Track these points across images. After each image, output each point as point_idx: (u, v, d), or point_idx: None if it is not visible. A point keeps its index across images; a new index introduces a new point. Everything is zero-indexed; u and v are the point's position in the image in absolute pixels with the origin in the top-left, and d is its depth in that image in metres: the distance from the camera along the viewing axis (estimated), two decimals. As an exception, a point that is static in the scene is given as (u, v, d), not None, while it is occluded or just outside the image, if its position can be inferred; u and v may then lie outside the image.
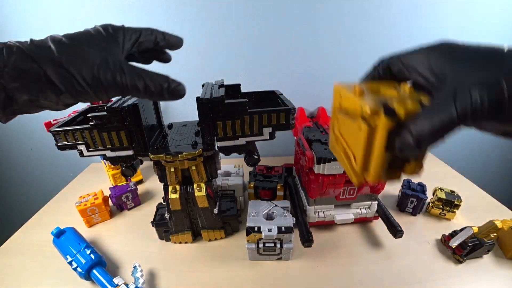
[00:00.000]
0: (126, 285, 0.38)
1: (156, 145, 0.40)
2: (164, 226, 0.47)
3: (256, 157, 0.40)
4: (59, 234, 0.43)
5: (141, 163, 0.46)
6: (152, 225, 0.48)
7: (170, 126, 0.47)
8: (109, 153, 0.37)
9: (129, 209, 0.58)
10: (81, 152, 0.37)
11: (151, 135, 0.41)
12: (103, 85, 0.22)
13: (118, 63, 0.23)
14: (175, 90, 0.25)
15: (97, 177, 0.71)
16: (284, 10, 0.61)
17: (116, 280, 0.39)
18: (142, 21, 0.60)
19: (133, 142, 0.37)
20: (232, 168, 0.60)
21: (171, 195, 0.42)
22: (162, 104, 0.71)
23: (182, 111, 0.73)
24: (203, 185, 0.43)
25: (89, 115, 0.35)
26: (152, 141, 0.40)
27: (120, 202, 0.56)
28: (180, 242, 0.48)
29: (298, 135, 0.54)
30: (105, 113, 0.35)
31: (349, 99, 0.23)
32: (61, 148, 0.37)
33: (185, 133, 0.45)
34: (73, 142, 0.36)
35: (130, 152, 0.38)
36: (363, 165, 0.21)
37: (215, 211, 0.45)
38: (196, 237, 0.50)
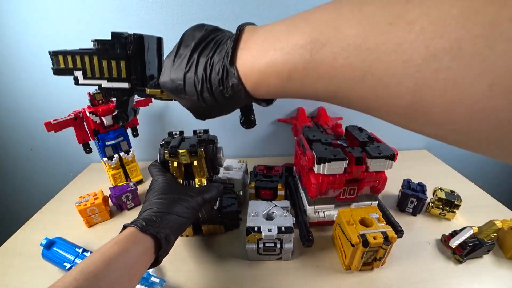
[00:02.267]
0: None
1: (153, 83, 0.37)
2: None
3: (253, 119, 0.38)
4: (49, 245, 0.43)
5: (136, 114, 0.45)
6: None
7: None
8: (105, 83, 0.35)
9: (129, 209, 0.58)
10: (76, 80, 0.35)
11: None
12: None
13: None
14: None
15: (97, 177, 0.71)
16: (285, 10, 0.61)
17: None
18: (142, 21, 0.60)
19: (132, 75, 0.35)
20: (236, 163, 0.60)
21: None
22: (161, 112, 0.72)
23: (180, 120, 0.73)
24: (204, 180, 0.44)
25: (92, 40, 0.33)
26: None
27: (120, 202, 0.56)
28: (181, 235, 0.49)
29: (298, 135, 0.54)
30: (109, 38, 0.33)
31: (345, 227, 0.40)
32: (57, 72, 0.34)
33: None
34: (70, 67, 0.34)
35: (126, 85, 0.35)
36: (349, 260, 0.41)
37: (216, 206, 0.46)
38: (197, 231, 0.51)
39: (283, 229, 0.41)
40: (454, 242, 0.43)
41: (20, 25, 0.61)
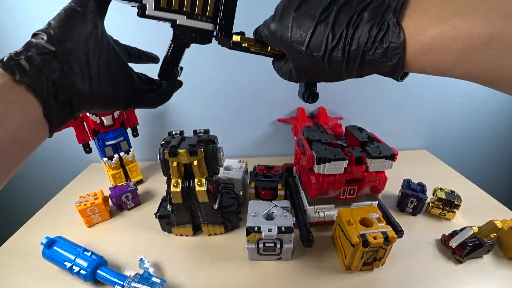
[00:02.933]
0: (138, 274, 0.39)
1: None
2: (167, 218, 0.49)
3: (317, 91, 0.33)
4: (49, 244, 0.43)
5: (180, 72, 0.34)
6: (156, 217, 0.49)
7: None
8: (182, 20, 0.28)
9: (129, 209, 0.58)
10: (143, 8, 0.27)
11: None
12: None
13: None
14: None
15: (97, 177, 0.71)
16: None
17: (127, 273, 0.40)
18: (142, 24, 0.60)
19: (220, 15, 0.28)
20: (236, 163, 0.60)
21: (173, 189, 0.44)
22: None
23: (180, 120, 0.73)
24: (204, 180, 0.44)
25: None
26: None
27: (120, 202, 0.56)
28: (181, 235, 0.50)
29: (298, 135, 0.54)
30: None
31: (345, 227, 0.40)
32: None
33: None
34: None
35: (210, 26, 0.28)
36: (349, 260, 0.41)
37: (215, 206, 0.46)
38: (197, 230, 0.51)
39: (283, 229, 0.41)
40: (454, 242, 0.43)
41: (21, 25, 0.61)
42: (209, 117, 0.74)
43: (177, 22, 0.28)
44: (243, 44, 0.28)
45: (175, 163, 0.43)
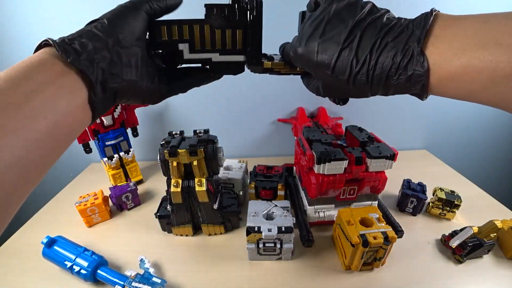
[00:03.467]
0: (139, 274, 0.39)
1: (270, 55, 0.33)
2: (167, 218, 0.49)
3: None
4: (50, 243, 0.43)
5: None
6: (156, 217, 0.49)
7: None
8: (216, 57, 0.30)
9: (129, 209, 0.58)
10: (181, 54, 0.29)
11: None
12: None
13: None
14: None
15: (97, 177, 0.71)
16: (285, 10, 0.61)
17: (128, 273, 0.40)
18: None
19: (248, 46, 0.29)
20: (236, 163, 0.60)
21: (173, 189, 0.44)
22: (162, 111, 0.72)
23: (180, 120, 0.73)
24: (204, 180, 0.44)
25: (206, 4, 0.28)
26: None
27: (120, 202, 0.56)
28: (181, 235, 0.49)
29: (298, 135, 0.54)
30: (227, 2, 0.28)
31: (345, 227, 0.40)
32: (158, 45, 0.29)
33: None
34: (175, 39, 0.28)
35: (241, 58, 0.30)
36: (349, 260, 0.41)
37: (215, 206, 0.46)
38: (197, 230, 0.51)
39: (283, 229, 0.41)
40: (454, 242, 0.43)
41: (21, 25, 0.61)
42: (209, 117, 0.74)
43: (212, 60, 0.30)
44: (275, 69, 0.31)
45: (175, 163, 0.43)
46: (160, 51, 0.30)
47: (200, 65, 0.31)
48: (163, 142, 0.44)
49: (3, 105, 0.17)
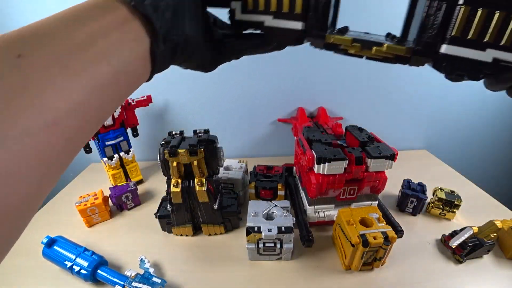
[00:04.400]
0: (139, 274, 0.39)
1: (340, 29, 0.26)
2: (167, 218, 0.49)
3: None
4: (50, 243, 0.43)
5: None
6: (156, 217, 0.49)
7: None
8: (269, 21, 0.25)
9: (129, 209, 0.58)
10: (232, 13, 0.26)
11: None
12: None
13: None
14: None
15: (97, 177, 0.71)
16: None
17: (128, 273, 0.40)
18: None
19: (309, 11, 0.24)
20: (236, 163, 0.60)
21: (173, 189, 0.44)
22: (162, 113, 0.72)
23: (180, 120, 0.73)
24: (204, 180, 0.44)
25: None
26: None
27: (120, 202, 0.56)
28: (181, 235, 0.50)
29: (298, 135, 0.54)
30: None
31: (345, 227, 0.40)
32: (207, 1, 0.25)
33: (370, 34, 0.27)
34: None
35: (299, 25, 0.24)
36: (349, 260, 0.41)
37: (215, 206, 0.46)
38: (197, 230, 0.51)
39: (283, 229, 0.41)
40: (454, 242, 0.43)
41: (21, 25, 0.61)
42: (209, 117, 0.74)
43: (264, 24, 0.25)
44: (341, 47, 0.24)
45: (175, 163, 0.43)
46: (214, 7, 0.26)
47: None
48: (163, 142, 0.44)
49: (68, 44, 0.16)
